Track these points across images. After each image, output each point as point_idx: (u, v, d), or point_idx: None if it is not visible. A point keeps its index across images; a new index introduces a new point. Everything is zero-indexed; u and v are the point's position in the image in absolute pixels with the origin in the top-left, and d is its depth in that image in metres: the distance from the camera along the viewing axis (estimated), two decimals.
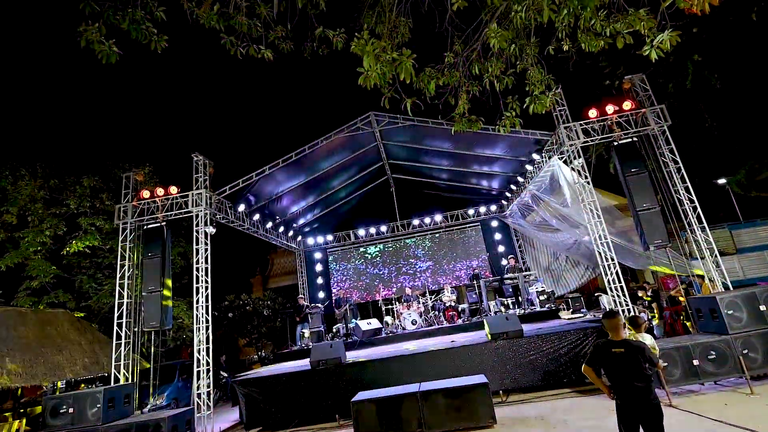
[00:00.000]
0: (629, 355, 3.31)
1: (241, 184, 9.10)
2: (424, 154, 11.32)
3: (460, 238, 14.65)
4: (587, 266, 13.61)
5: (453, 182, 13.17)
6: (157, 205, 8.81)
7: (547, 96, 4.51)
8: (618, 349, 3.37)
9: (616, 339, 3.45)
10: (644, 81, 8.01)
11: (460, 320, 11.09)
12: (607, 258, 7.38)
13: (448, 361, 7.27)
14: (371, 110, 8.97)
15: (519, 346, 7.29)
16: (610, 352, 3.40)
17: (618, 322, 3.46)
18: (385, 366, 7.43)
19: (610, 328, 3.47)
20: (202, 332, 8.10)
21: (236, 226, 10.31)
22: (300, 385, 7.54)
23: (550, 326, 8.34)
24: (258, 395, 7.67)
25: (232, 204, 9.80)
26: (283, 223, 12.54)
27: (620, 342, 3.41)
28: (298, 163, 9.71)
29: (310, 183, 11.20)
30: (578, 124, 7.90)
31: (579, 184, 7.86)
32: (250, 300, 18.02)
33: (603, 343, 3.51)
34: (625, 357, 3.33)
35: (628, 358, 3.31)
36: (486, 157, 10.55)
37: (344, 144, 10.20)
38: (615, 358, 3.36)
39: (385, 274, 14.55)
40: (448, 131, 9.17)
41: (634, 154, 7.58)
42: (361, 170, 12.23)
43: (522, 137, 8.61)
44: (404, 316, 11.39)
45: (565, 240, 12.20)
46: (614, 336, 3.47)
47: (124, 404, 7.28)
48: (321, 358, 7.57)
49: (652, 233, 7.21)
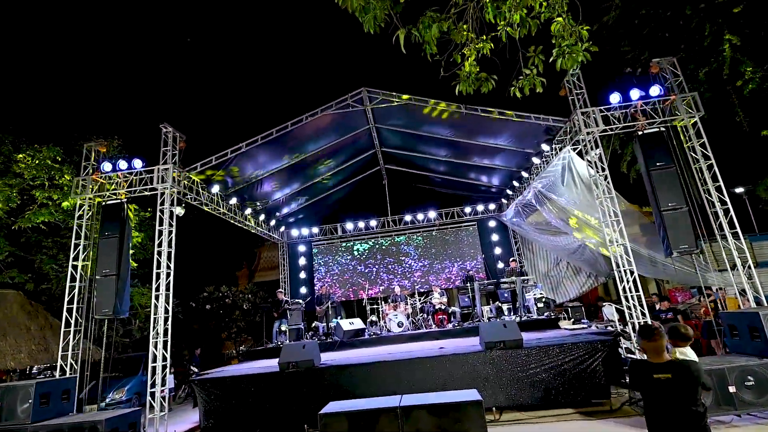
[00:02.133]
0: (679, 382, 2.41)
1: (214, 161, 8.09)
2: (420, 142, 10.37)
3: (454, 237, 13.73)
4: (589, 274, 12.73)
5: (450, 176, 12.24)
6: (120, 181, 7.80)
7: (580, 48, 3.56)
8: (662, 374, 2.45)
9: (657, 361, 2.54)
10: (675, 65, 7.12)
11: (450, 325, 10.17)
12: (623, 263, 6.47)
13: (436, 371, 6.33)
14: (364, 87, 8.00)
15: (517, 358, 6.36)
16: (650, 378, 2.48)
17: (661, 344, 2.55)
18: (363, 372, 6.47)
19: (651, 350, 2.56)
20: (160, 324, 7.09)
21: (210, 210, 9.30)
22: (266, 389, 6.57)
23: (551, 337, 7.43)
24: (217, 398, 6.68)
25: (205, 184, 8.80)
26: (264, 210, 11.54)
27: (664, 365, 2.49)
28: (280, 142, 8.73)
29: (294, 168, 10.21)
30: (597, 109, 6.99)
31: (594, 178, 6.95)
32: (230, 292, 16.98)
33: (641, 364, 2.60)
34: (672, 385, 2.41)
35: (677, 385, 2.41)
36: (488, 148, 9.62)
37: (333, 125, 9.23)
38: (658, 386, 2.45)
39: (372, 271, 13.59)
40: (449, 112, 8.23)
41: (660, 145, 6.68)
42: (351, 157, 11.26)
43: (531, 123, 7.68)
44: (390, 318, 10.45)
45: (569, 244, 11.30)
46: (654, 357, 2.56)
47: (61, 400, 6.26)
48: (291, 359, 6.61)
49: (678, 237, 6.31)
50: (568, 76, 7.20)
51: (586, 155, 7.08)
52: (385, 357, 6.69)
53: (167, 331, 7.13)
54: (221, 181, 9.01)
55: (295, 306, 11.87)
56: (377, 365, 6.45)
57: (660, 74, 7.23)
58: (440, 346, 7.39)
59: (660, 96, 6.97)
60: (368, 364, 6.49)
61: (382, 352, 7.95)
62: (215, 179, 8.77)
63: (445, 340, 8.96)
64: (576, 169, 7.58)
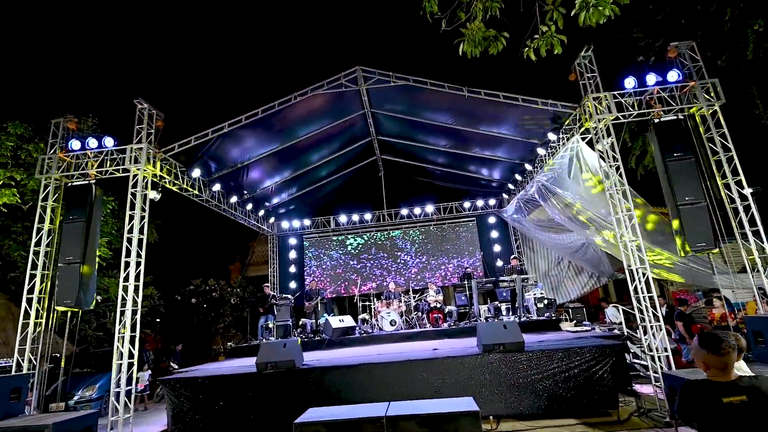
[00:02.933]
0: (759, 406, 1.83)
1: (193, 141, 7.45)
2: (419, 131, 9.77)
3: (452, 233, 13.16)
4: (591, 274, 12.22)
5: (450, 169, 11.66)
6: (89, 160, 7.15)
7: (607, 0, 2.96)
8: (735, 397, 1.87)
9: (725, 380, 1.96)
10: (694, 50, 6.56)
11: (445, 324, 9.61)
12: (635, 261, 5.91)
13: (428, 375, 5.76)
14: (359, 65, 7.37)
15: (518, 363, 5.81)
16: (718, 403, 1.89)
17: (732, 359, 1.96)
18: (348, 375, 5.89)
19: (718, 367, 1.96)
20: (128, 317, 6.47)
21: (190, 196, 8.67)
22: (241, 392, 5.97)
23: (554, 339, 6.90)
24: (187, 401, 6.08)
25: (186, 168, 8.16)
26: (252, 199, 10.91)
27: (735, 385, 1.91)
28: (267, 124, 8.11)
29: (284, 154, 9.58)
30: (611, 94, 6.41)
31: (605, 169, 6.39)
32: (217, 286, 16.34)
33: (701, 385, 2.00)
34: (750, 410, 1.83)
35: (756, 410, 1.83)
36: (491, 138, 9.03)
37: (325, 108, 8.61)
38: (730, 413, 1.86)
39: (366, 267, 13.00)
40: (449, 97, 7.64)
41: (678, 134, 6.11)
42: (345, 145, 10.65)
43: (537, 109, 7.09)
44: (383, 315, 9.89)
45: (572, 242, 10.78)
46: (719, 376, 1.97)
47: (10, 400, 5.65)
48: (270, 359, 6.02)
49: (696, 234, 5.76)
50: (580, 58, 6.63)
51: (596, 144, 6.51)
52: (373, 359, 6.12)
53: (136, 326, 6.51)
54: (203, 165, 8.38)
55: (284, 301, 11.29)
56: (364, 368, 5.87)
57: (677, 59, 6.67)
58: (434, 347, 6.83)
59: (678, 82, 6.41)
60: (354, 366, 5.91)
61: (372, 352, 7.39)
62: (196, 162, 8.13)
63: (440, 341, 8.43)
64: (585, 160, 7.02)
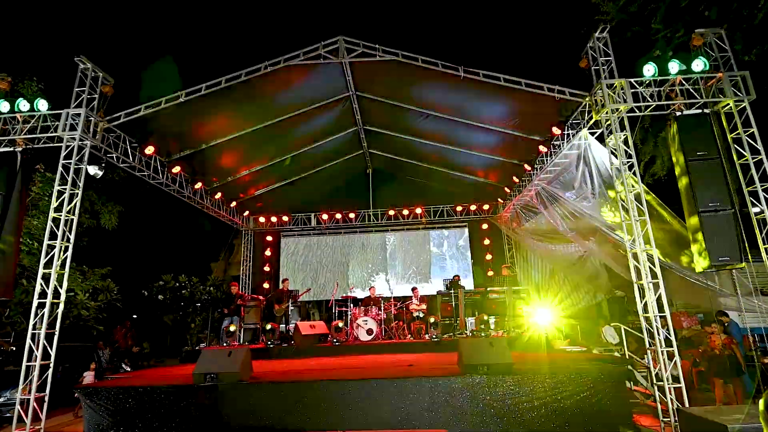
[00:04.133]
0: None
1: (143, 111, 6.47)
2: (409, 121, 8.88)
3: (442, 238, 12.26)
4: (587, 290, 11.38)
5: (442, 168, 10.79)
6: (19, 125, 6.15)
7: None
8: None
9: None
10: (722, 38, 5.77)
11: (427, 336, 8.66)
12: (647, 273, 5.03)
13: (397, 398, 4.78)
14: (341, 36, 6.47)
15: (504, 388, 4.85)
16: None
17: None
18: (302, 393, 4.89)
19: None
20: (46, 311, 5.43)
21: (145, 177, 7.67)
22: (171, 408, 4.94)
23: (546, 359, 6.00)
24: (107, 414, 5.03)
25: (138, 144, 7.17)
26: (223, 188, 9.91)
27: None
28: (235, 99, 7.16)
29: (260, 139, 8.62)
30: (627, 81, 5.59)
31: (616, 168, 5.54)
32: (189, 283, 15.21)
33: None
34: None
35: None
36: (488, 132, 8.17)
37: (306, 86, 7.71)
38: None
39: (345, 269, 12.02)
40: (443, 81, 6.79)
41: (703, 131, 5.29)
42: (329, 133, 9.72)
43: (543, 97, 6.21)
44: (359, 323, 8.92)
45: (569, 253, 9.92)
46: None
47: None
48: (210, 370, 5.01)
49: (718, 245, 4.91)
50: (593, 40, 5.81)
51: (608, 138, 5.67)
52: (332, 375, 5.15)
53: (55, 322, 5.48)
54: (160, 142, 7.40)
55: (253, 303, 10.30)
56: (321, 386, 4.88)
57: (702, 49, 5.88)
58: (409, 364, 5.87)
59: (704, 72, 5.61)
60: (309, 383, 4.92)
61: (342, 364, 6.44)
62: (151, 138, 7.15)
63: (420, 355, 7.51)
64: (594, 159, 6.16)
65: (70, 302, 9.42)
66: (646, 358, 5.89)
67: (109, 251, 13.08)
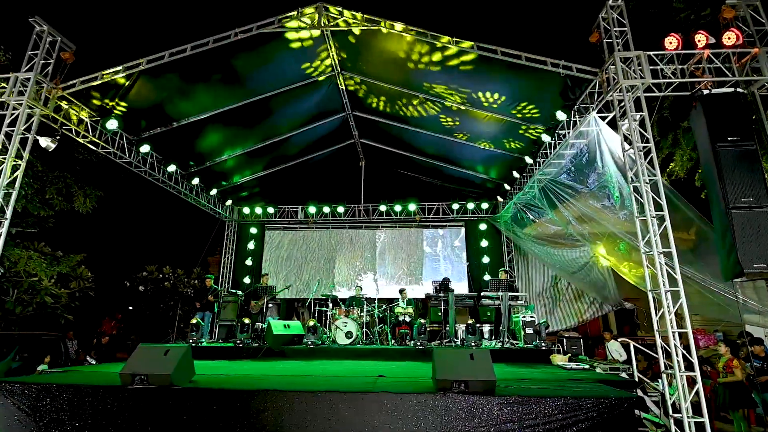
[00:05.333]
0: None
1: (100, 78, 5.80)
2: (400, 105, 8.13)
3: (436, 238, 11.45)
4: (593, 300, 10.49)
5: (438, 161, 10.01)
6: None
7: None
8: None
9: None
10: (758, 10, 4.95)
11: (412, 342, 7.86)
12: (665, 281, 4.19)
13: (357, 417, 3.99)
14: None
15: (485, 411, 4.02)
16: None
17: None
18: (245, 404, 4.13)
19: None
20: None
21: (108, 155, 7.01)
22: (93, 411, 4.22)
23: (541, 378, 5.17)
24: (23, 415, 4.33)
25: (99, 117, 6.52)
26: (202, 173, 9.23)
27: None
28: (205, 71, 6.49)
29: (237, 117, 7.93)
30: (645, 54, 4.78)
31: (630, 156, 4.72)
32: (172, 275, 14.61)
33: None
34: None
35: None
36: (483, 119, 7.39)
37: (287, 61, 7.01)
38: None
39: (332, 267, 11.26)
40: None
41: (735, 113, 4.46)
42: (315, 119, 9.01)
43: (547, 75, 5.41)
44: (338, 324, 8.15)
45: (573, 259, 9.06)
46: None
47: None
48: (140, 370, 4.28)
49: (752, 249, 4.06)
50: (606, 9, 5.02)
51: (621, 121, 4.85)
52: (280, 383, 4.39)
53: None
54: (127, 117, 6.75)
55: (230, 298, 9.58)
56: (267, 397, 4.11)
57: (734, 23, 5.05)
58: (380, 374, 5.08)
59: (736, 47, 4.78)
60: (251, 392, 4.15)
61: (314, 371, 5.69)
62: (113, 110, 6.51)
63: (400, 363, 6.72)
64: (607, 147, 5.33)
65: (33, 288, 8.79)
66: (660, 381, 5.02)
67: (87, 237, 12.49)
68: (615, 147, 5.27)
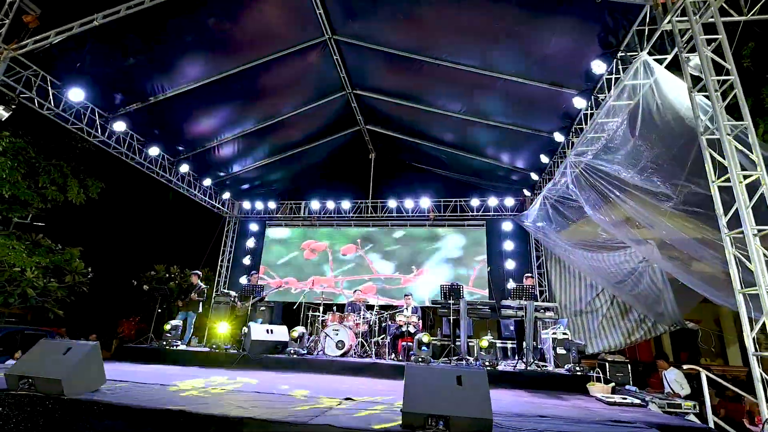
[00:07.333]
0: None
1: (53, 37, 5.13)
2: (410, 76, 6.99)
3: (452, 238, 10.06)
4: (644, 317, 8.62)
5: (456, 150, 8.74)
6: None
7: None
8: None
9: None
10: None
11: (413, 357, 6.53)
12: (762, 271, 2.69)
13: None
14: None
15: None
16: None
17: None
18: (152, 426, 3.07)
19: None
20: None
21: (77, 131, 6.39)
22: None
23: (570, 417, 3.72)
24: None
25: (62, 86, 5.89)
26: (193, 160, 8.52)
27: None
28: (181, 38, 5.73)
29: (232, 96, 7.12)
30: None
31: (702, 103, 3.28)
32: (179, 274, 14.13)
33: None
34: None
35: None
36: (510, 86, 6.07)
37: (271, 24, 6.13)
38: None
39: (332, 267, 10.15)
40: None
41: None
42: (316, 97, 8.04)
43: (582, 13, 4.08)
44: (328, 333, 6.99)
45: (617, 264, 7.38)
46: None
47: None
48: (29, 372, 3.34)
49: None
50: None
51: (685, 62, 3.43)
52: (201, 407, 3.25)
53: None
54: (94, 87, 6.10)
55: (223, 299, 8.74)
56: (180, 419, 3.02)
57: None
58: (347, 397, 3.85)
59: None
60: (164, 412, 3.07)
61: (299, 382, 4.60)
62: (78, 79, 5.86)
63: (391, 382, 5.42)
64: (664, 98, 3.88)
65: (13, 280, 8.37)
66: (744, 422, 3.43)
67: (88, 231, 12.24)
68: (682, 100, 3.81)
